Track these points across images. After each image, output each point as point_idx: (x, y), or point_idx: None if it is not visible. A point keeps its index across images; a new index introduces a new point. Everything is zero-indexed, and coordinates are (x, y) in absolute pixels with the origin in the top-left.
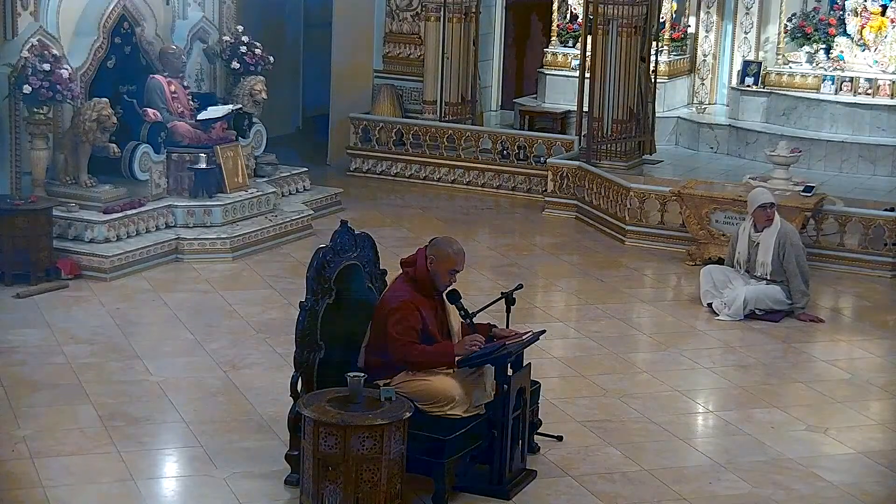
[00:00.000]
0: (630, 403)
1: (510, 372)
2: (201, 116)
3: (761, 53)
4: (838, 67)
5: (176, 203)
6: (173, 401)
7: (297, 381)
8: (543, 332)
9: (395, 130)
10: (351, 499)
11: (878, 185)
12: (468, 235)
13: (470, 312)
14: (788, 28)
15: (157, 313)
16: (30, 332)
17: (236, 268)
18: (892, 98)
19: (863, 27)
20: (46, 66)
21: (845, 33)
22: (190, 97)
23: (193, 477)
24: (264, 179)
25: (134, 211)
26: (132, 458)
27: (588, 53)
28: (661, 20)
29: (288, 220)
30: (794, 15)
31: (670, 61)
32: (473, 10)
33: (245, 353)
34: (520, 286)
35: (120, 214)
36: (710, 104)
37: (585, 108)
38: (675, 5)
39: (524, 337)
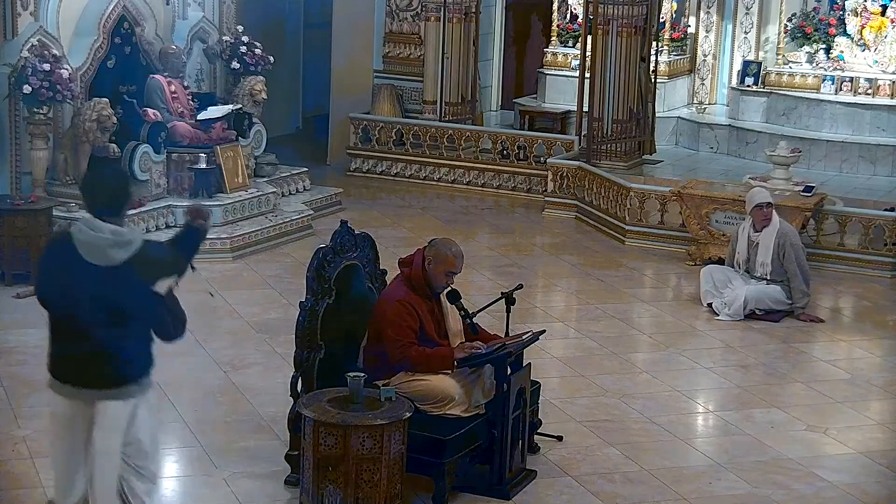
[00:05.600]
0: (630, 403)
1: (510, 372)
2: (201, 116)
3: (761, 53)
4: (838, 67)
5: (176, 203)
6: (173, 401)
7: (297, 381)
8: (543, 331)
9: (395, 130)
10: (351, 499)
11: (878, 185)
12: (468, 235)
13: (470, 312)
14: (788, 28)
15: None
16: (30, 332)
17: (236, 268)
18: (892, 98)
19: (863, 27)
20: (46, 66)
21: (845, 33)
22: (190, 97)
23: (193, 477)
24: (264, 179)
25: (134, 211)
26: None
27: (588, 53)
28: (661, 20)
29: (288, 220)
30: (794, 15)
31: (670, 61)
32: (473, 10)
33: (245, 353)
34: (520, 286)
35: None
36: (710, 104)
37: (585, 108)
38: (675, 5)
39: (524, 337)
